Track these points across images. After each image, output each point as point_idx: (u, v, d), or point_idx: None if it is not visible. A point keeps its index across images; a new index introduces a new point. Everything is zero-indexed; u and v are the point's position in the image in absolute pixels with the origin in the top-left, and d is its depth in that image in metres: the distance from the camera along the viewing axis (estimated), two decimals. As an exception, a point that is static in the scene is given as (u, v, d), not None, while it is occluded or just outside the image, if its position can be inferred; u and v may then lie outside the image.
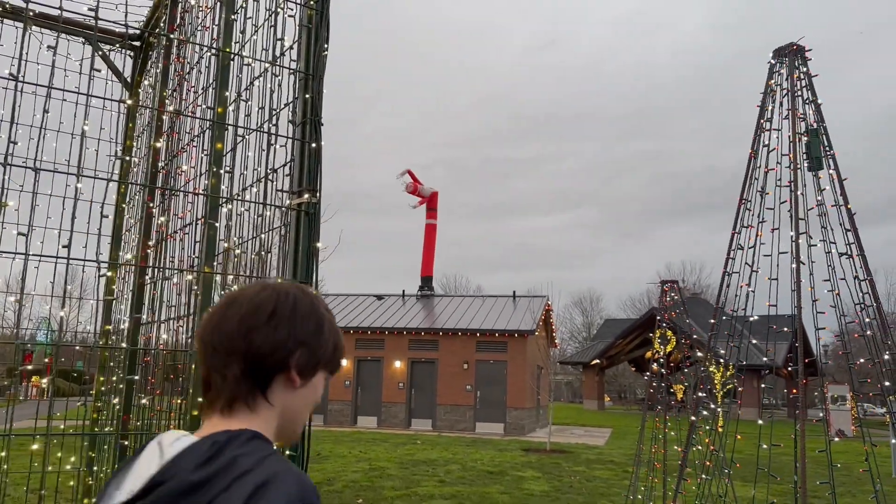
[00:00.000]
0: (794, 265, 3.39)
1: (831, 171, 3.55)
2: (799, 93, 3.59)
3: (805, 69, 3.49)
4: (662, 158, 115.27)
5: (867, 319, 3.46)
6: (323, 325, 1.41)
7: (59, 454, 4.61)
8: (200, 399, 3.03)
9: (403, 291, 32.85)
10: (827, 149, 3.54)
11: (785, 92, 3.63)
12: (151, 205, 4.27)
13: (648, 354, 7.16)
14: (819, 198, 3.50)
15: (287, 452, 2.54)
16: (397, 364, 28.00)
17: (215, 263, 3.15)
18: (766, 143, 3.68)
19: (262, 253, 3.03)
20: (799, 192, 3.47)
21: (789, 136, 3.58)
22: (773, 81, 3.68)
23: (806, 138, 3.62)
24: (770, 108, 3.69)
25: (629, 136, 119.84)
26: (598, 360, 45.45)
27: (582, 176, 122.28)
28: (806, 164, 3.53)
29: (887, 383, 3.35)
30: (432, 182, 34.83)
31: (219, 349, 1.26)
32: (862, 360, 3.44)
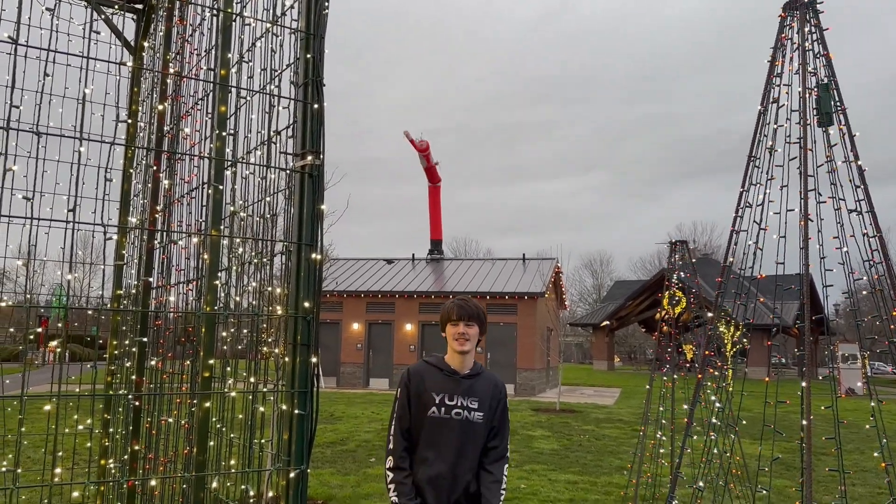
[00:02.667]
0: (802, 222, 3.37)
1: (841, 127, 3.49)
2: (810, 47, 3.52)
3: (816, 22, 3.41)
4: (673, 121, 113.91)
5: (876, 276, 3.45)
6: (443, 308, 3.36)
7: (76, 416, 4.70)
8: (210, 361, 3.02)
9: (413, 255, 32.91)
10: (837, 104, 3.48)
11: (795, 46, 3.56)
12: (156, 168, 4.27)
13: (658, 315, 7.16)
14: (829, 154, 3.46)
15: (296, 411, 2.58)
16: (408, 327, 28.19)
17: (222, 227, 3.16)
18: (776, 98, 3.62)
19: (268, 216, 3.04)
20: (808, 149, 3.43)
21: (799, 92, 3.52)
22: (783, 35, 3.61)
23: (816, 94, 3.56)
24: (780, 62, 3.62)
25: (639, 99, 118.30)
26: (607, 322, 45.57)
27: (592, 139, 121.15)
28: (816, 120, 3.47)
29: (894, 339, 3.35)
30: (443, 148, 34.64)
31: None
32: (869, 318, 3.43)
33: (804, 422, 3.43)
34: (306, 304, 2.60)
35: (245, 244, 3.28)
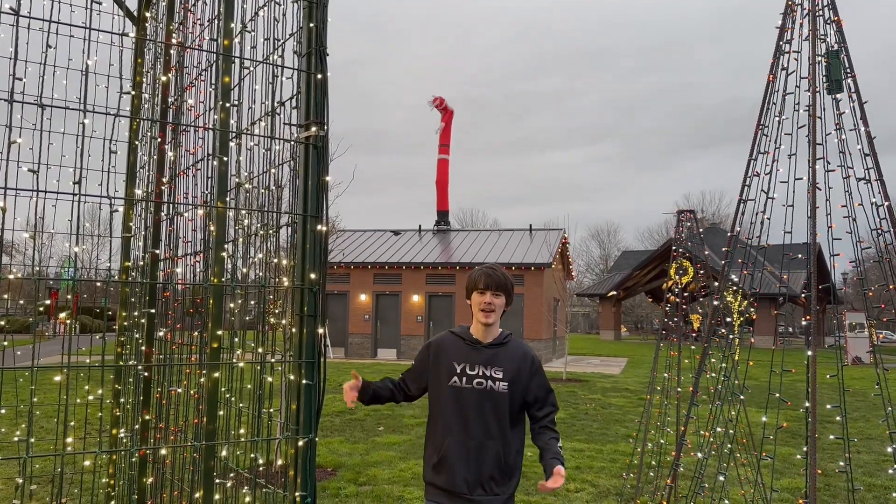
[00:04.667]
0: (810, 191, 3.34)
1: (851, 94, 3.45)
2: (820, 12, 3.47)
3: (827, -13, 3.35)
4: (683, 91, 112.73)
5: (884, 245, 3.43)
6: (470, 275, 3.23)
7: (87, 387, 4.76)
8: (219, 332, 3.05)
9: (420, 226, 32.90)
10: (847, 71, 3.43)
11: (805, 12, 3.50)
12: (161, 140, 4.26)
13: (665, 285, 7.16)
14: (838, 121, 3.42)
15: (304, 381, 2.61)
16: (415, 298, 28.29)
17: (228, 199, 3.17)
18: (785, 65, 3.57)
19: (273, 188, 3.04)
20: (817, 116, 3.39)
21: (809, 58, 3.47)
22: (793, 1, 3.55)
23: (826, 61, 3.51)
24: (790, 28, 3.57)
25: (650, 70, 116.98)
26: (614, 292, 45.59)
27: (602, 110, 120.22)
28: (825, 87, 3.43)
29: (901, 308, 3.34)
30: (453, 117, 34.49)
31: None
32: (876, 287, 3.42)
33: (809, 390, 3.44)
34: (312, 276, 2.60)
35: (251, 216, 3.29)
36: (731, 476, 6.46)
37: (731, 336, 4.30)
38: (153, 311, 3.81)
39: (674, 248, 7.01)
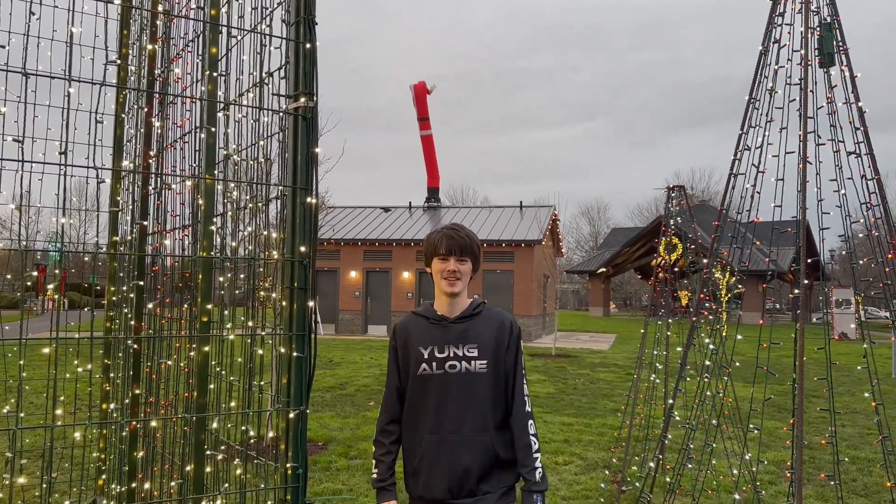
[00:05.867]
0: (800, 165, 3.35)
1: (843, 68, 3.44)
2: (814, -16, 3.44)
3: (821, -42, 3.32)
4: (675, 68, 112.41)
5: (873, 220, 3.44)
6: (428, 237, 2.78)
7: (76, 362, 4.74)
8: (209, 306, 3.03)
9: (410, 203, 32.83)
10: (840, 44, 3.42)
11: (799, -16, 3.48)
12: (148, 112, 4.21)
13: (654, 262, 7.18)
14: (829, 95, 3.41)
15: (295, 354, 2.60)
16: (405, 275, 28.30)
17: (216, 172, 3.14)
18: (778, 38, 3.55)
19: (262, 160, 3.01)
20: (809, 90, 3.38)
21: (801, 31, 3.46)
22: (787, -27, 3.52)
23: (818, 34, 3.50)
24: (783, 1, 3.54)
25: (642, 47, 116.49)
26: (604, 269, 45.76)
27: (594, 87, 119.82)
28: (817, 61, 3.42)
29: (889, 282, 3.37)
30: (443, 96, 34.16)
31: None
32: (865, 260, 3.45)
33: (797, 363, 3.48)
34: (302, 249, 2.59)
35: (240, 189, 3.26)
36: (717, 449, 6.55)
37: (719, 309, 4.33)
38: (141, 283, 3.78)
39: (664, 223, 7.03)
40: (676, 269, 7.12)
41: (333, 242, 28.41)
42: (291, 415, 2.58)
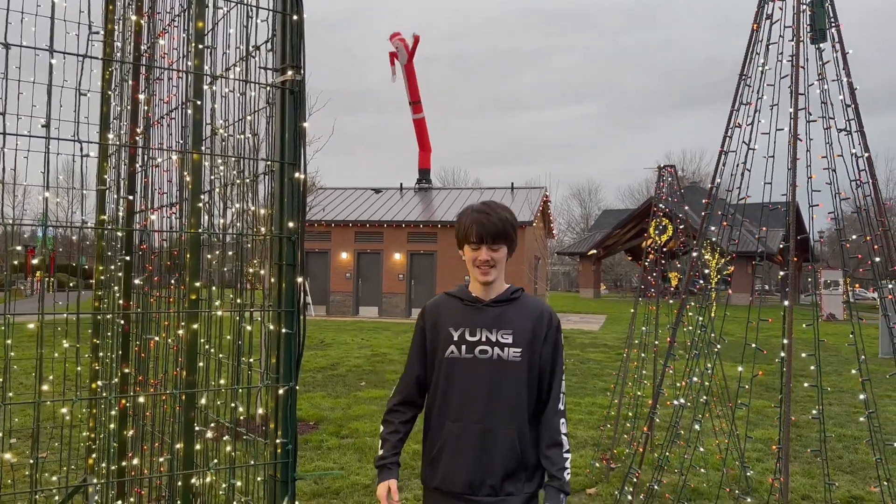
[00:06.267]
0: (791, 142, 3.34)
1: (835, 44, 3.43)
2: (806, -41, 3.42)
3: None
4: (667, 50, 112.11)
5: (863, 197, 3.45)
6: (459, 218, 2.55)
7: (65, 341, 4.72)
8: (197, 283, 3.01)
9: (401, 184, 32.71)
10: (832, 20, 3.41)
11: (792, -41, 3.45)
12: (135, 88, 4.15)
13: (645, 244, 7.19)
14: (820, 71, 3.40)
15: (284, 330, 2.60)
16: (396, 256, 28.28)
17: (203, 148, 3.10)
18: (770, 14, 3.54)
19: (250, 135, 2.98)
20: (800, 66, 3.37)
21: (793, 7, 3.44)
22: (780, -52, 3.49)
23: (810, 10, 3.48)
24: (775, -24, 3.52)
25: (635, 27, 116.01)
26: (594, 251, 45.88)
27: (586, 68, 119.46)
28: (809, 37, 3.40)
29: (877, 259, 3.38)
30: (434, 77, 33.57)
31: None
32: (854, 237, 3.46)
33: (785, 341, 3.49)
34: (291, 225, 2.57)
35: (227, 165, 3.23)
36: (706, 427, 6.60)
37: (708, 287, 4.35)
38: (128, 258, 3.75)
39: (654, 203, 7.03)
40: (666, 250, 7.14)
41: (324, 224, 28.33)
42: (281, 391, 2.58)
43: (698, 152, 77.21)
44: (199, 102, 2.61)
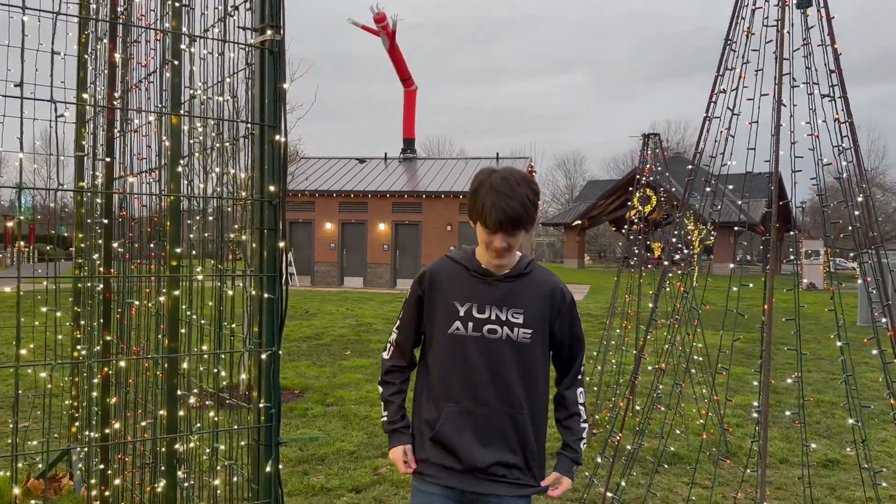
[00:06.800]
0: (775, 108, 3.34)
1: (820, 9, 3.41)
2: (793, -78, 3.39)
3: None
4: (654, 18, 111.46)
5: (844, 163, 3.47)
6: (476, 189, 2.24)
7: (44, 308, 4.68)
8: (178, 250, 2.98)
9: (386, 154, 32.53)
10: (818, -16, 3.39)
11: (779, -79, 3.42)
12: (111, 51, 4.07)
13: (628, 215, 7.21)
14: (805, 37, 3.39)
15: (266, 295, 2.58)
16: (381, 227, 28.23)
17: (182, 112, 3.05)
18: (756, -23, 3.51)
19: (230, 98, 2.93)
20: (785, 31, 3.36)
21: (780, -30, 3.41)
22: (767, -90, 3.46)
23: (797, -26, 3.46)
24: (762, -61, 3.49)
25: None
26: (579, 221, 46.02)
27: (573, 37, 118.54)
28: (794, 2, 3.39)
29: (857, 225, 3.41)
30: (418, 45, 33.06)
31: None
32: (834, 203, 3.48)
33: (765, 306, 3.53)
34: (271, 189, 2.54)
35: (206, 128, 3.18)
36: (686, 394, 6.69)
37: (690, 253, 4.37)
38: (107, 221, 3.71)
39: (638, 171, 7.03)
40: (649, 220, 7.17)
41: (308, 193, 28.16)
42: (264, 356, 2.57)
43: (683, 123, 77.13)
44: (176, 63, 2.56)
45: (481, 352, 2.30)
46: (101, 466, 3.87)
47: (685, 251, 4.65)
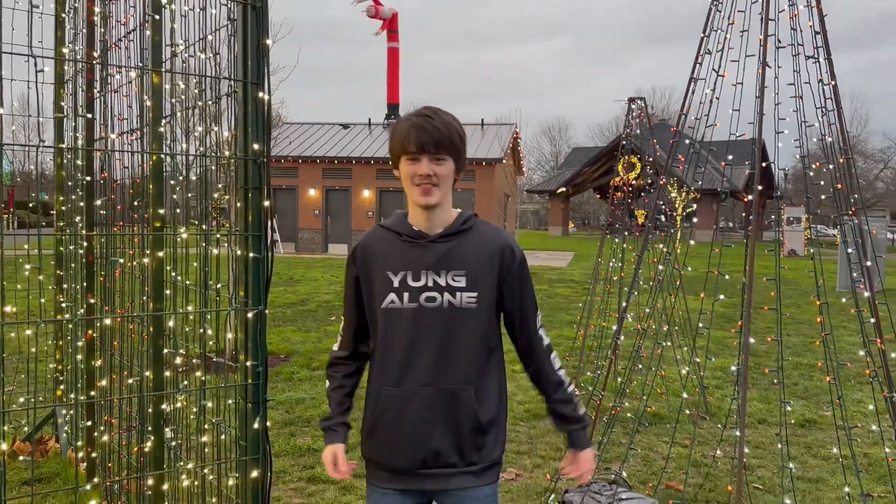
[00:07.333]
0: (760, 69, 3.35)
1: (806, -31, 3.41)
2: None
3: None
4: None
5: (827, 125, 3.49)
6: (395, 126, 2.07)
7: (28, 266, 4.65)
8: (161, 210, 2.96)
9: (370, 120, 32.23)
10: (804, -57, 3.37)
11: None
12: (89, 9, 3.98)
13: (613, 181, 7.24)
14: (791, -4, 3.39)
15: (251, 254, 2.58)
16: (366, 193, 28.11)
17: (163, 70, 3.01)
18: (743, -64, 3.49)
19: (211, 55, 2.89)
20: (771, -9, 3.35)
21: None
22: None
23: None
24: None
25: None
26: (563, 189, 46.06)
27: (559, 2, 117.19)
28: (781, -39, 3.38)
29: (839, 186, 3.45)
30: (404, 10, 32.66)
31: None
32: (818, 164, 3.51)
33: (747, 267, 3.57)
34: (255, 146, 2.52)
35: (189, 87, 3.14)
36: (668, 356, 6.80)
37: (673, 214, 4.40)
38: (89, 178, 3.68)
39: (623, 136, 7.04)
40: (633, 187, 7.19)
41: (292, 159, 27.92)
42: (250, 315, 2.58)
43: (668, 90, 76.97)
44: (157, 17, 2.51)
45: (420, 324, 2.03)
46: (88, 423, 3.89)
47: (668, 216, 4.69)
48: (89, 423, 3.84)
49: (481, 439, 2.06)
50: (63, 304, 4.87)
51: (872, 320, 3.43)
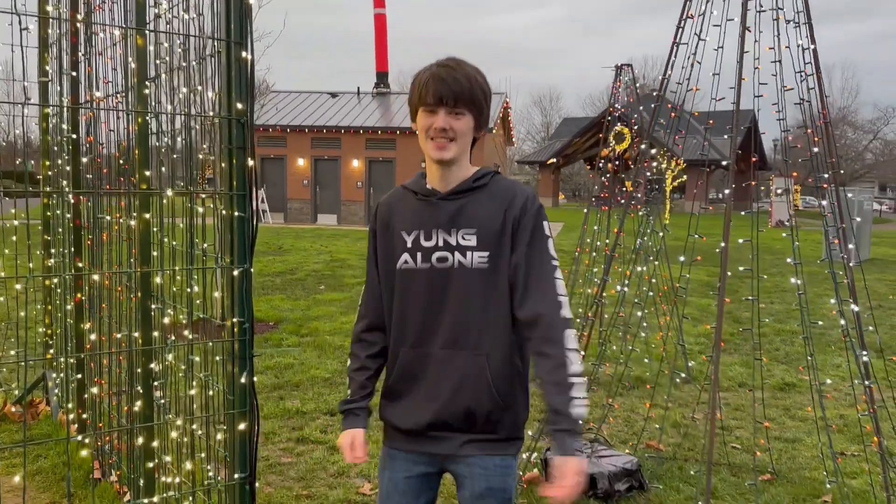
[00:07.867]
0: (740, 33, 3.38)
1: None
2: None
3: None
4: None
5: (807, 89, 3.54)
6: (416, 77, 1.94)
7: (16, 222, 4.67)
8: (147, 172, 2.99)
9: (358, 89, 31.97)
10: None
11: None
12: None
13: (602, 153, 7.27)
14: (773, -40, 3.41)
15: (237, 213, 2.62)
16: (355, 163, 28.02)
17: (147, 31, 3.01)
18: None
19: (195, 15, 2.90)
20: (753, -45, 3.37)
21: None
22: None
23: None
24: None
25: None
26: (553, 160, 46.01)
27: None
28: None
29: (816, 150, 3.51)
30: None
31: None
32: (795, 128, 3.56)
33: (725, 227, 3.64)
34: (239, 106, 2.55)
35: (172, 48, 3.14)
36: (651, 323, 6.91)
37: (662, 186, 4.46)
38: (75, 136, 3.69)
39: (611, 104, 7.06)
40: (623, 159, 7.23)
41: (280, 129, 27.73)
42: (236, 272, 2.62)
43: (660, 59, 76.52)
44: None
45: (432, 286, 1.94)
46: (79, 376, 3.94)
47: (658, 187, 4.74)
48: (79, 376, 3.89)
49: (493, 407, 1.93)
50: (52, 265, 4.90)
51: (846, 280, 3.52)
